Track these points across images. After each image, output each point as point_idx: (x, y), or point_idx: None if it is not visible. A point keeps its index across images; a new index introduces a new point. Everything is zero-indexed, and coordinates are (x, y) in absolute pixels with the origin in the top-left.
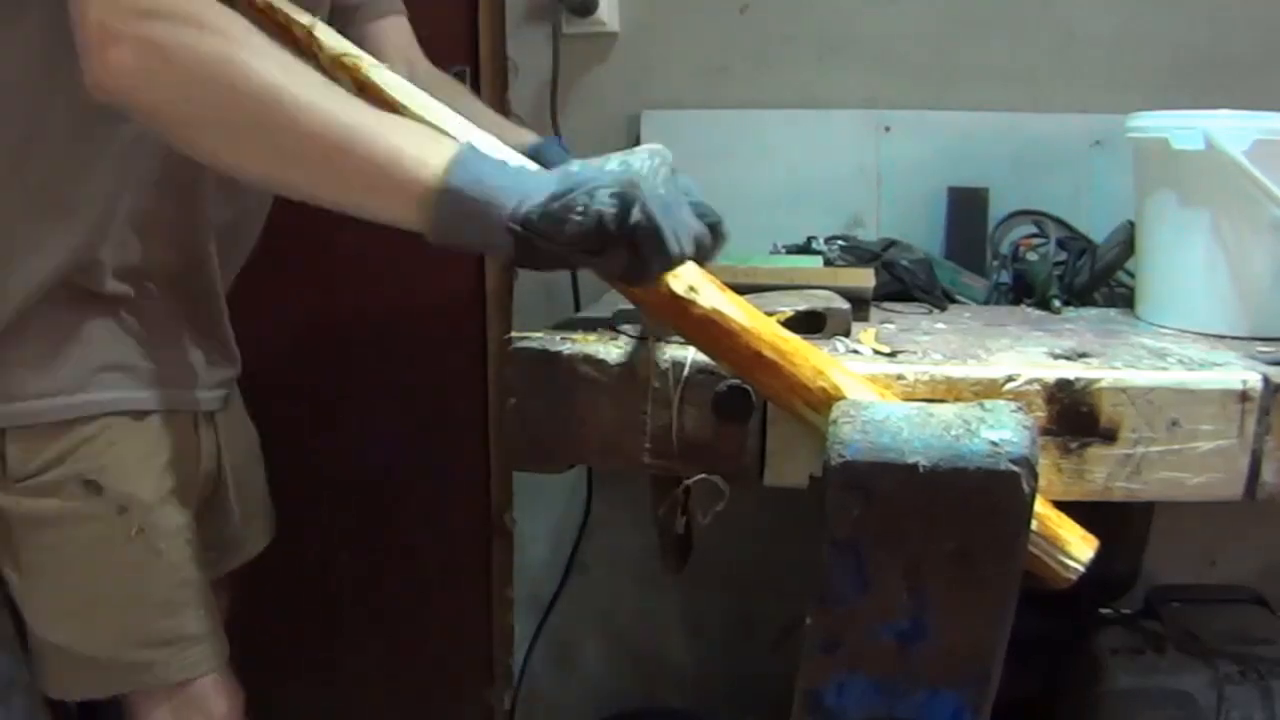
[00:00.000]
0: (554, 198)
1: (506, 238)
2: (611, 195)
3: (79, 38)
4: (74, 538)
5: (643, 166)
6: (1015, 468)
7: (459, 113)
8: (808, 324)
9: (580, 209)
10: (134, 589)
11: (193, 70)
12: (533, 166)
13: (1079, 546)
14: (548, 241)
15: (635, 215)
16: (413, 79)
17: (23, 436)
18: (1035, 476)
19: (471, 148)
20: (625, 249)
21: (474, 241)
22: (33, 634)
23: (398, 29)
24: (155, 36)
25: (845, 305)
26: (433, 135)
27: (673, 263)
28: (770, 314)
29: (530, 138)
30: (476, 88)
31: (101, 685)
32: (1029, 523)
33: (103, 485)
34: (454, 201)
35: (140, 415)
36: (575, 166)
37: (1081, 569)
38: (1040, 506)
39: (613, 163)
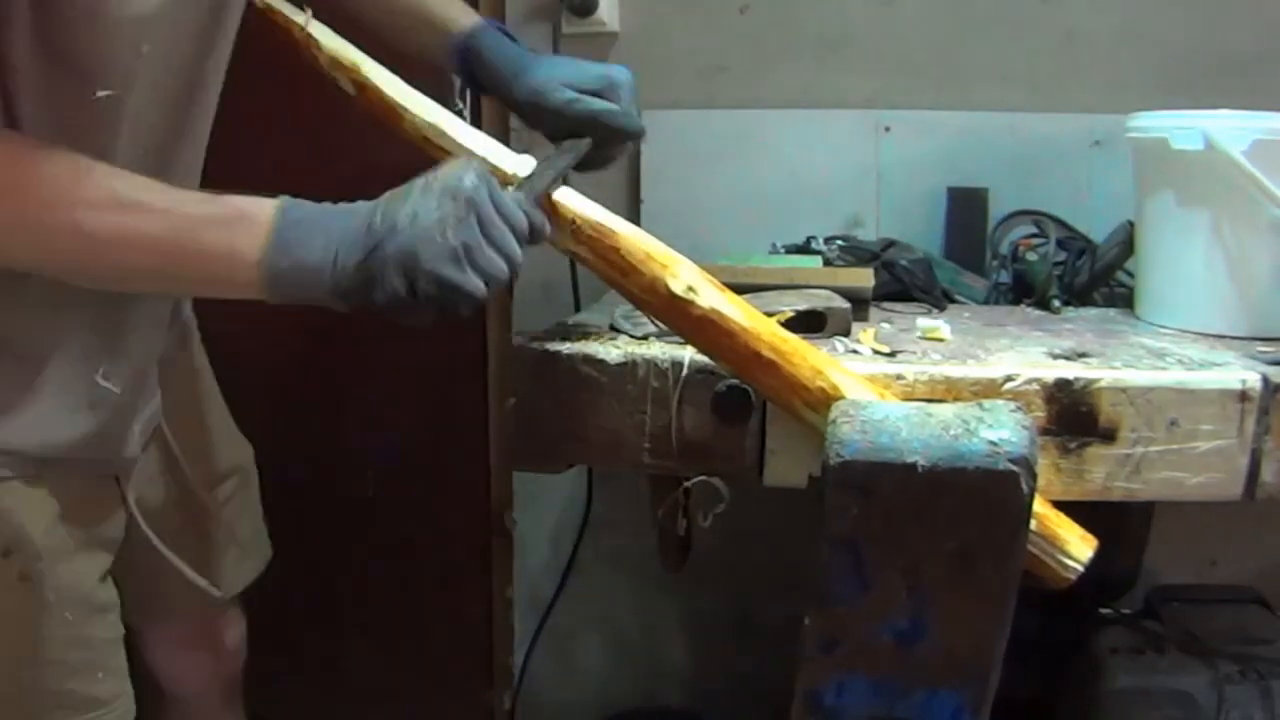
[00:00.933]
0: (359, 266)
1: (339, 304)
2: (397, 270)
3: None
4: None
5: (431, 220)
6: (1014, 467)
7: None
8: (807, 324)
9: (379, 285)
10: (18, 646)
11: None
12: (340, 215)
13: (1078, 546)
14: (367, 308)
15: (423, 287)
16: None
17: None
18: (1034, 476)
19: (286, 220)
20: (431, 308)
21: (303, 300)
22: None
23: None
24: None
25: (845, 305)
26: (245, 215)
27: (481, 302)
28: (770, 314)
29: (466, 20)
30: None
31: None
32: (1028, 522)
33: None
34: (279, 283)
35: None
36: (377, 218)
37: (1080, 569)
38: (1039, 506)
39: (404, 215)
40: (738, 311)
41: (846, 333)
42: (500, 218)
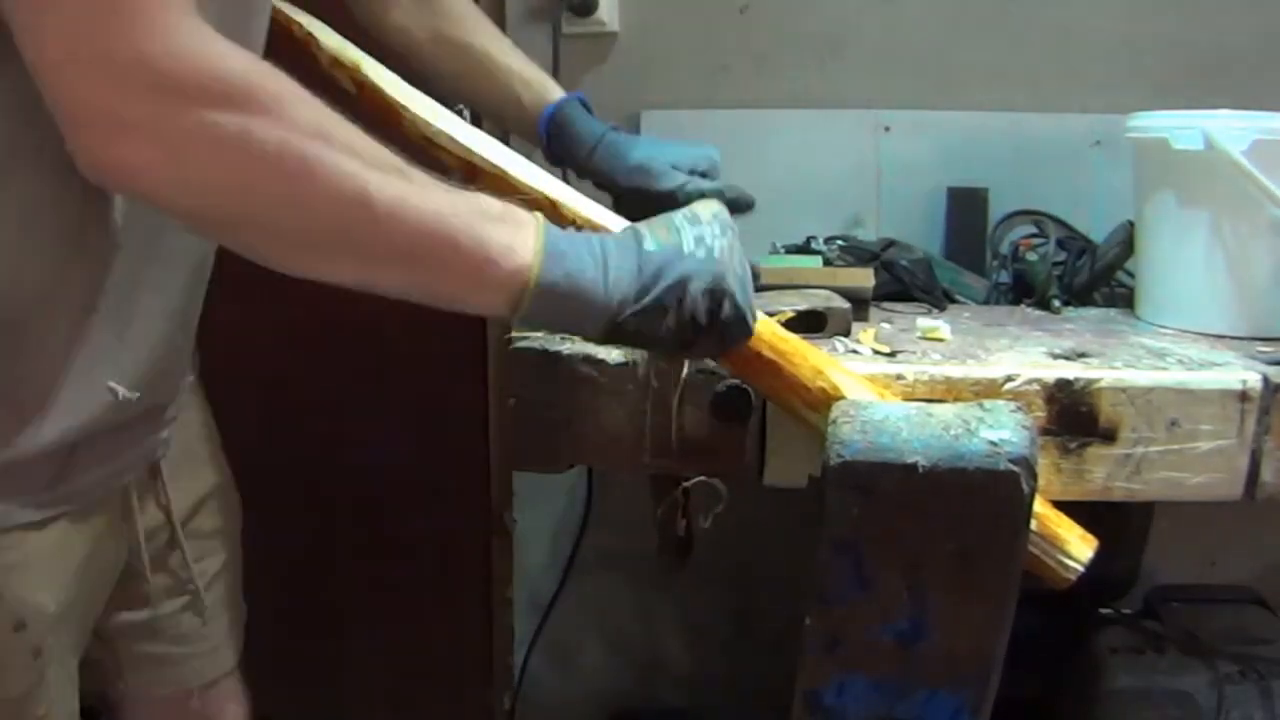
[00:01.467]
0: (643, 291)
1: (598, 331)
2: (704, 293)
3: (63, 115)
4: None
5: (721, 246)
6: (1014, 468)
7: (476, 44)
8: (808, 323)
9: (673, 309)
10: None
11: (248, 175)
12: (606, 233)
13: (1078, 546)
14: (639, 337)
15: (727, 311)
16: (420, 3)
17: None
18: (1034, 477)
19: (549, 229)
20: (725, 337)
21: (558, 326)
22: None
23: None
24: (189, 129)
25: (845, 305)
26: (510, 214)
27: (741, 341)
28: (771, 314)
29: (550, 93)
30: None
31: None
32: (1028, 523)
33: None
34: (546, 298)
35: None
36: (650, 244)
37: (1081, 569)
38: (1039, 506)
39: (689, 240)
40: None
41: (847, 332)
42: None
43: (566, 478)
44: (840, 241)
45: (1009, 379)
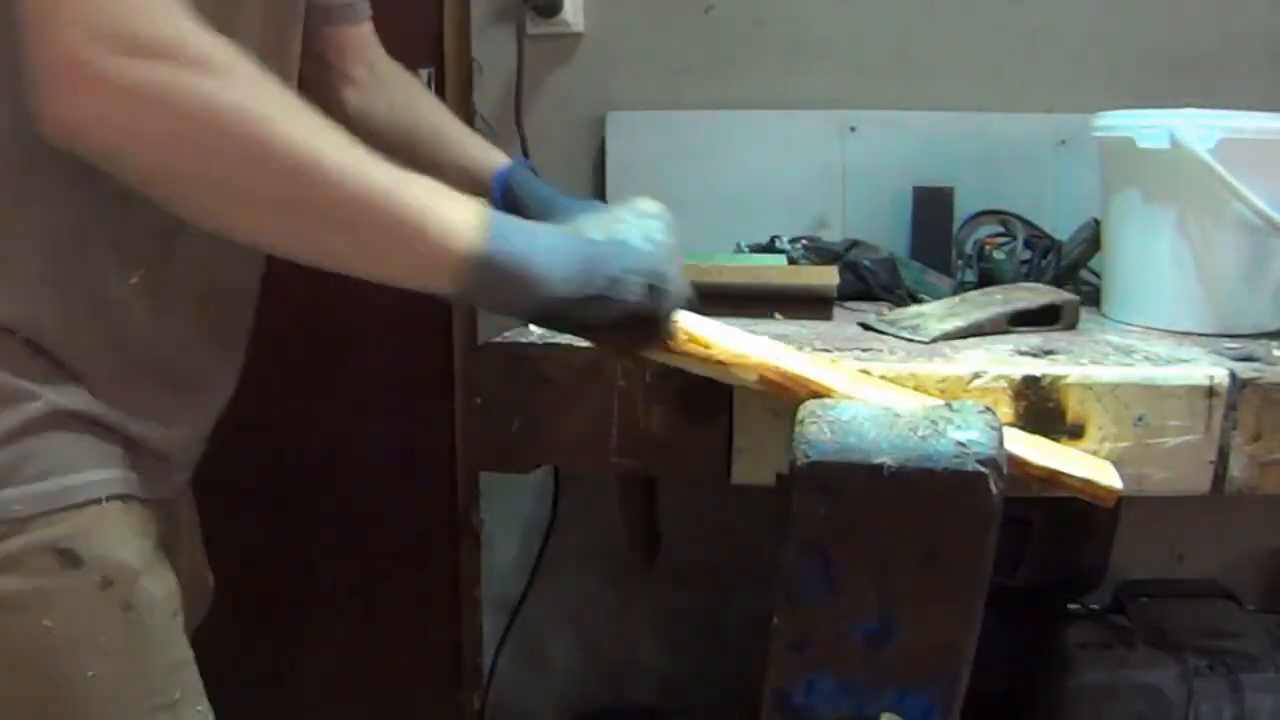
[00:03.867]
0: (583, 276)
1: (535, 312)
2: (644, 286)
3: (33, 66)
4: (45, 624)
5: (663, 243)
6: (982, 468)
7: (424, 119)
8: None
9: (614, 297)
10: (123, 681)
11: (205, 129)
12: (548, 225)
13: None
14: (573, 322)
15: (664, 305)
16: (375, 80)
17: None
18: (1003, 478)
19: (496, 213)
20: (658, 325)
21: (494, 306)
22: None
23: (364, 35)
24: (154, 82)
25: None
26: (451, 194)
27: (670, 329)
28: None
29: (499, 159)
30: (441, 88)
31: None
32: (997, 523)
33: (80, 555)
34: (487, 272)
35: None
36: (595, 233)
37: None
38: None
39: (633, 233)
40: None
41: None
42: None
43: (534, 477)
44: (804, 241)
45: (976, 376)
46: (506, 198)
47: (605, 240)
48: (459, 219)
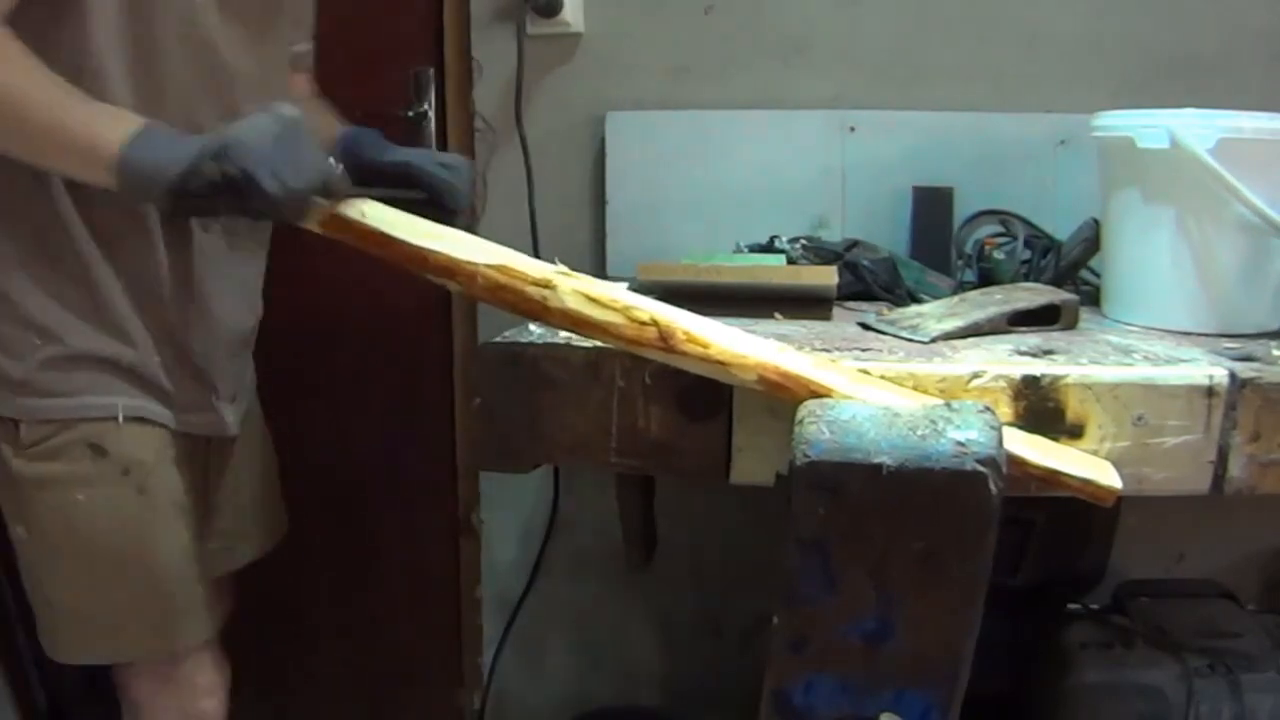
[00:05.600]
0: (191, 166)
1: (163, 197)
2: (212, 159)
3: None
4: (78, 498)
5: (248, 132)
6: (982, 468)
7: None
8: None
9: (200, 173)
10: (135, 551)
11: None
12: (200, 137)
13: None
14: (201, 203)
15: (230, 170)
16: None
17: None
18: (1002, 477)
19: (149, 128)
20: (234, 196)
21: (142, 196)
22: (40, 597)
23: (305, 80)
24: None
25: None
26: (120, 116)
27: (273, 200)
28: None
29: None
30: (441, 88)
31: (106, 650)
32: (996, 523)
33: (107, 449)
34: (128, 168)
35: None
36: (226, 131)
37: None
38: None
39: (235, 127)
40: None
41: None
42: (308, 148)
43: (534, 477)
44: (804, 241)
45: (976, 375)
46: (347, 152)
47: (227, 133)
48: (116, 133)
